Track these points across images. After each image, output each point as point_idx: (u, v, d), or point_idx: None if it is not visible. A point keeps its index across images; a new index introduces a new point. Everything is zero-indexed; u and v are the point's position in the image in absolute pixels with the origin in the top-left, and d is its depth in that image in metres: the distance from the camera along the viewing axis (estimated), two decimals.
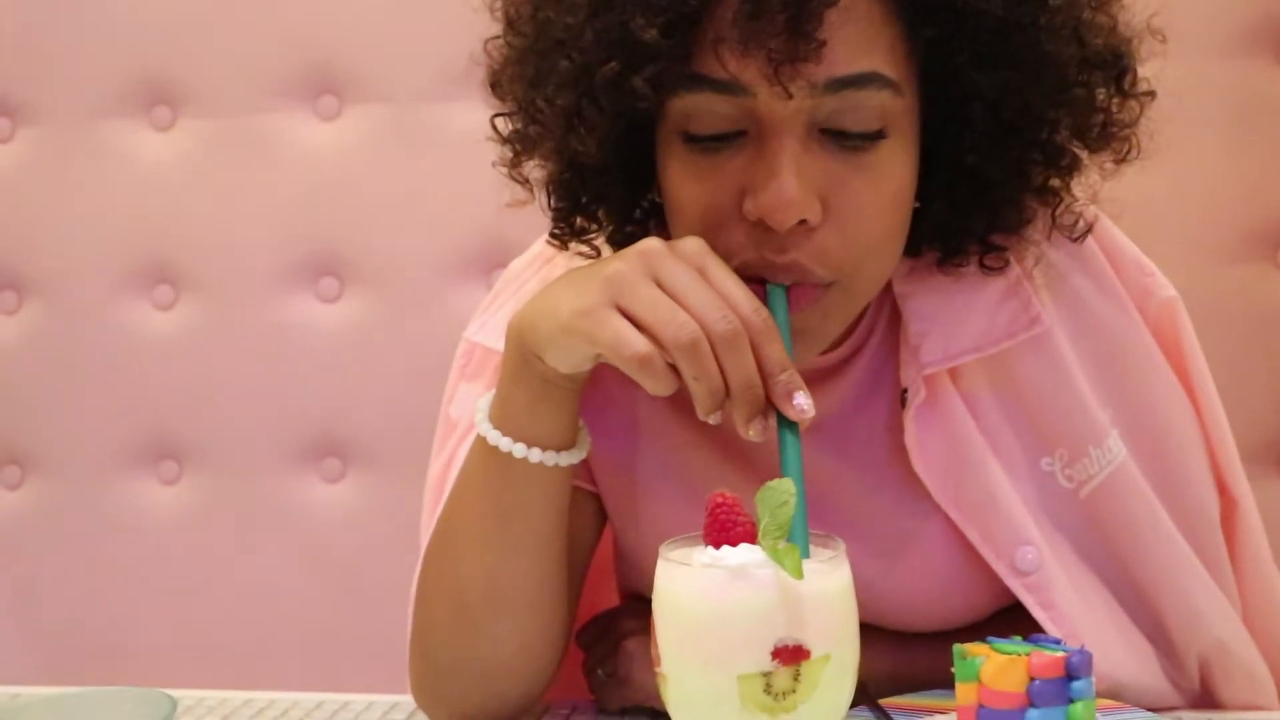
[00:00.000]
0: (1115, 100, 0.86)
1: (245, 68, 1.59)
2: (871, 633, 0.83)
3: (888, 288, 0.90)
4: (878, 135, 0.79)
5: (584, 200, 0.88)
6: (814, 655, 0.62)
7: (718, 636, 0.63)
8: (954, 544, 0.91)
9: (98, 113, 1.62)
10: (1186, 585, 0.93)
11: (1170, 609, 0.93)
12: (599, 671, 0.97)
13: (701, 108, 0.78)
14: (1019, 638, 0.85)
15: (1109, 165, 0.88)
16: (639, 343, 0.74)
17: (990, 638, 0.84)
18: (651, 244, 0.77)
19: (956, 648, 0.83)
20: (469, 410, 0.91)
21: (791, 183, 0.76)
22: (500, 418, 0.84)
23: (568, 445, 0.85)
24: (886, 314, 0.93)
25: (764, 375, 0.74)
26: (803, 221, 0.78)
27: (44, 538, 1.67)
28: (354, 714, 0.99)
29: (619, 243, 0.89)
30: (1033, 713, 0.79)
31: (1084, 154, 0.87)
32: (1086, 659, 0.80)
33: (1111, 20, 0.85)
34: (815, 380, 0.85)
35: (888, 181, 0.81)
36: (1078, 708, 0.80)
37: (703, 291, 0.74)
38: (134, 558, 1.65)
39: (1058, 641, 0.83)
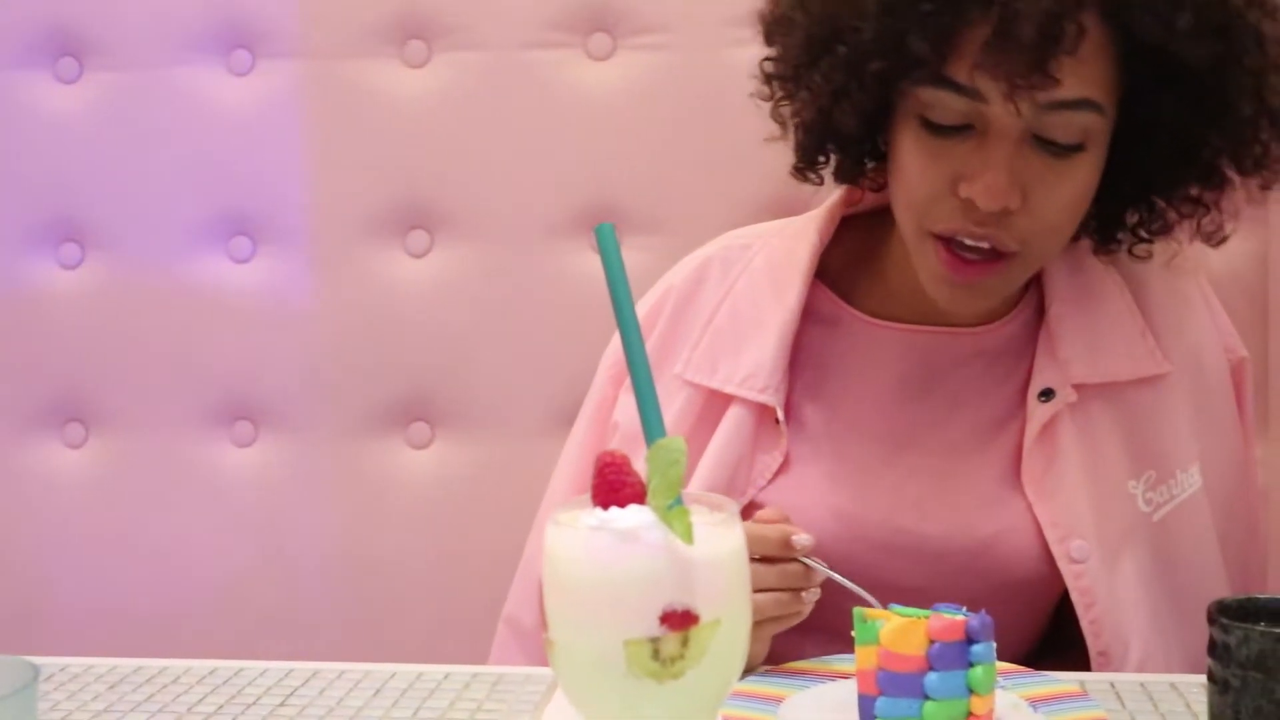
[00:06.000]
0: (1276, 140, 0.99)
1: (156, 19, 1.55)
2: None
3: (1039, 286, 1.09)
4: (1078, 147, 0.96)
5: (825, 148, 1.07)
6: (703, 621, 0.61)
7: (604, 601, 0.62)
8: (1025, 523, 1.04)
9: (1, 64, 1.57)
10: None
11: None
12: None
13: (941, 102, 0.95)
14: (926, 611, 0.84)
15: (1256, 189, 1.02)
16: None
17: (892, 604, 0.84)
18: None
19: (856, 610, 0.83)
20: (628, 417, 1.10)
21: (1004, 177, 0.94)
22: None
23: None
24: (1032, 304, 1.10)
25: None
26: (1004, 207, 0.95)
27: None
28: (267, 680, 0.98)
29: (843, 179, 1.10)
30: (932, 676, 0.79)
31: (1235, 176, 1.01)
32: (987, 624, 0.80)
33: None
34: (958, 345, 1.07)
35: (1079, 184, 0.98)
36: (977, 671, 0.79)
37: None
38: (40, 523, 1.61)
39: (959, 607, 0.83)
